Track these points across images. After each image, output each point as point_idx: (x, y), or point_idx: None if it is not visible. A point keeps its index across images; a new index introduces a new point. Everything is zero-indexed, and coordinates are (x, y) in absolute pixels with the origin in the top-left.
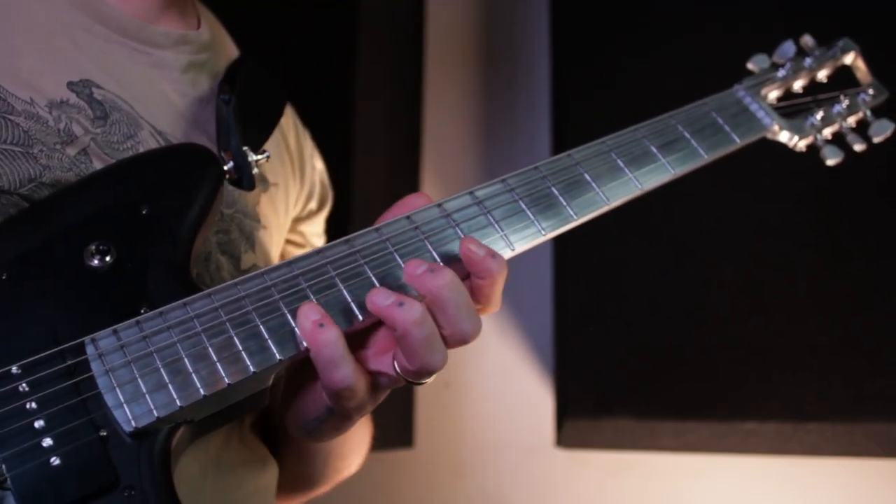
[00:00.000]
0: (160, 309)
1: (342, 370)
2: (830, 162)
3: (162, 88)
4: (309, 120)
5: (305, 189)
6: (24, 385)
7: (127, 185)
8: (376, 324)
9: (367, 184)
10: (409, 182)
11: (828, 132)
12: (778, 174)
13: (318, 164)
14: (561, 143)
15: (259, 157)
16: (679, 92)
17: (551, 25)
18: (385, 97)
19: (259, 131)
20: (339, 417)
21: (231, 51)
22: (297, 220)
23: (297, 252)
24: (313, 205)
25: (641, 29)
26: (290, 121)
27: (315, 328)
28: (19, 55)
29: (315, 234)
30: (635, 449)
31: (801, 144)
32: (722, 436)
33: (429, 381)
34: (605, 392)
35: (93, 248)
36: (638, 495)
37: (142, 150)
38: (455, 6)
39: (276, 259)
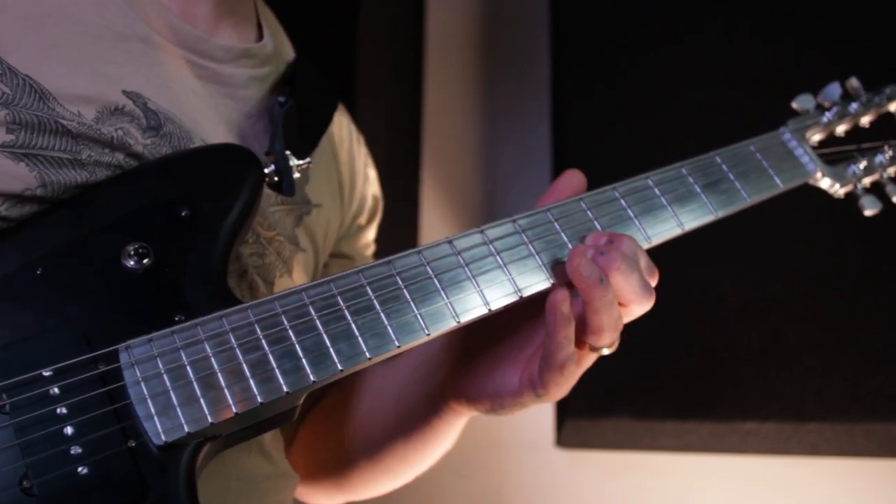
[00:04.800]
0: (197, 320)
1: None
2: (868, 212)
3: (215, 103)
4: None
5: (354, 206)
6: (55, 389)
7: (167, 184)
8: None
9: None
10: (409, 182)
11: (867, 181)
12: None
13: (371, 174)
14: (561, 143)
15: (301, 162)
16: (679, 92)
17: (551, 25)
18: (385, 97)
19: (307, 138)
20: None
21: (289, 52)
22: (343, 237)
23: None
24: (362, 220)
25: (642, 29)
26: (343, 130)
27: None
28: (73, 63)
29: (364, 245)
30: (635, 449)
31: (840, 192)
32: (722, 436)
33: (611, 348)
34: (605, 392)
35: (131, 249)
36: (638, 495)
37: None
38: (455, 6)
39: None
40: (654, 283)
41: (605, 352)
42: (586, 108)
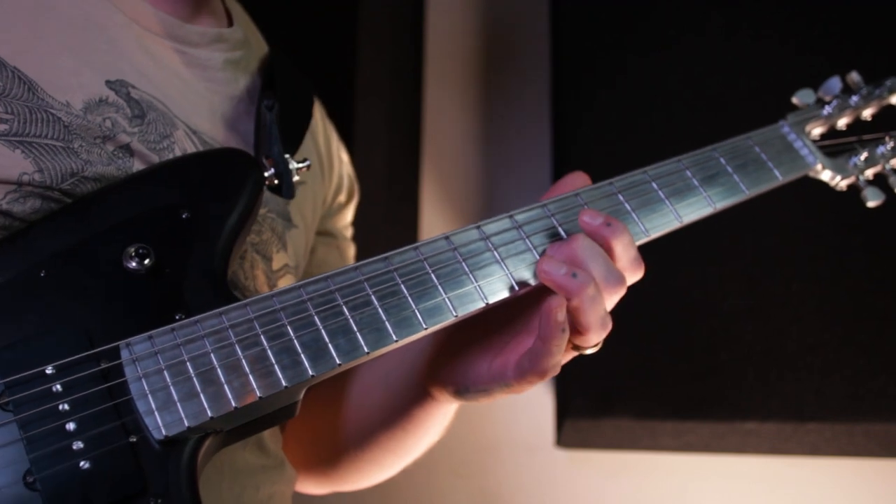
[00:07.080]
0: (196, 317)
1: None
2: (871, 203)
3: (196, 88)
4: None
5: (334, 184)
6: (57, 386)
7: (168, 187)
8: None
9: (366, 184)
10: (408, 182)
11: (870, 173)
12: None
13: (345, 156)
14: (561, 143)
15: (300, 164)
16: (679, 92)
17: (552, 25)
18: (385, 97)
19: (295, 135)
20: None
21: (261, 44)
22: (326, 215)
23: (327, 249)
24: (342, 198)
25: (642, 30)
26: (317, 115)
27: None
28: (57, 55)
29: (344, 226)
30: (635, 449)
31: (842, 184)
32: (722, 436)
33: (594, 348)
34: (605, 392)
35: (132, 250)
36: (638, 495)
37: (177, 149)
38: (455, 6)
39: (306, 258)
40: (636, 277)
41: (588, 352)
42: (586, 109)
